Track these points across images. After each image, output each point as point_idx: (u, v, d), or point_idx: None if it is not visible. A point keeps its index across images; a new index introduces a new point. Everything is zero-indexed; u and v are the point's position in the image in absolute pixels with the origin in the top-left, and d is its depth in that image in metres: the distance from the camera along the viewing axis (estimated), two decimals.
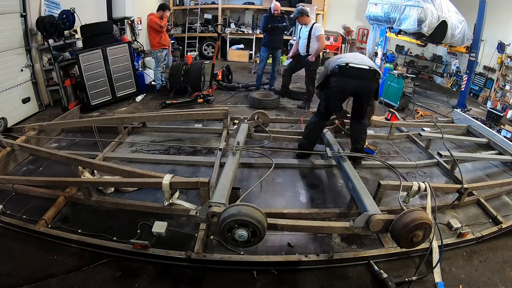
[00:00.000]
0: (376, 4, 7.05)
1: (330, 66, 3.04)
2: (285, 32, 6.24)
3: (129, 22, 6.99)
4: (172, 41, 8.44)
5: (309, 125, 3.39)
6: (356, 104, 3.20)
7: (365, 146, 3.57)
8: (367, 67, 2.93)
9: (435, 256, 2.18)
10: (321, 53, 5.55)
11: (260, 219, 1.74)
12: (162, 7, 5.59)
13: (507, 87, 6.95)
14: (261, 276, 2.02)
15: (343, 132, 3.76)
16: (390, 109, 5.00)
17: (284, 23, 5.91)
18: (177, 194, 2.47)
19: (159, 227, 2.16)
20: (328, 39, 9.72)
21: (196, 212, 1.92)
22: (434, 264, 2.13)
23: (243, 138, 3.12)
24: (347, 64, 2.91)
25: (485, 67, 7.53)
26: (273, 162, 2.57)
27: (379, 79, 3.06)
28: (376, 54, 8.28)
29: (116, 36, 5.67)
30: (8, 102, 4.14)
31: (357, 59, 3.01)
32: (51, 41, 4.63)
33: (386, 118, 4.65)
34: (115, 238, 2.16)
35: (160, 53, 5.76)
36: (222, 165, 3.08)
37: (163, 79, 6.07)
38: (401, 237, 1.85)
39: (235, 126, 3.67)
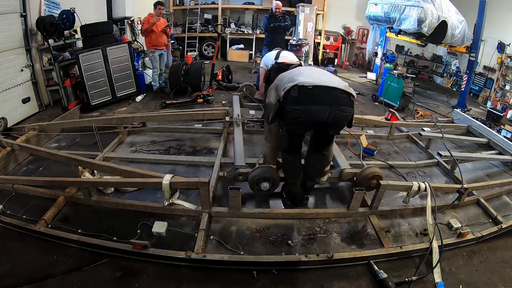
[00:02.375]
0: (376, 4, 7.06)
1: (281, 89, 2.16)
2: (286, 32, 6.26)
3: (129, 22, 7.00)
4: (172, 41, 8.44)
5: (285, 166, 2.55)
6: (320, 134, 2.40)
7: (365, 146, 3.58)
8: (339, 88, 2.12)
9: (435, 256, 2.18)
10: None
11: (276, 175, 2.48)
12: (155, 4, 5.42)
13: (507, 87, 6.96)
14: (261, 276, 2.02)
15: None
16: (390, 109, 5.00)
17: (286, 23, 5.87)
18: (177, 194, 2.47)
19: (159, 227, 2.15)
20: (328, 39, 9.75)
21: (224, 174, 2.51)
22: (434, 264, 2.13)
23: (239, 109, 3.66)
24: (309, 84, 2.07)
25: (485, 67, 7.54)
26: None
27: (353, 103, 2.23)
28: (376, 54, 8.30)
29: (116, 36, 5.68)
30: (8, 102, 4.14)
31: (317, 77, 2.16)
32: (51, 41, 4.63)
33: (386, 118, 4.65)
34: (115, 238, 2.16)
35: (152, 53, 5.55)
36: (222, 165, 3.10)
37: (161, 81, 5.93)
38: (362, 183, 2.49)
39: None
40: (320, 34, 9.59)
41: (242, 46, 9.45)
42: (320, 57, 9.73)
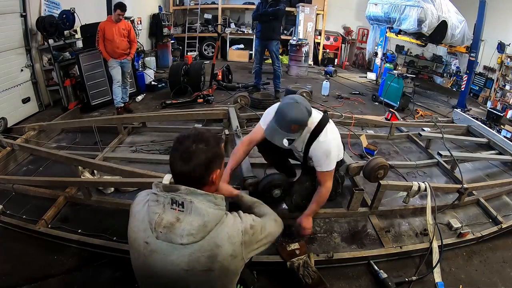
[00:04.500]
0: (376, 4, 7.06)
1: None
2: (280, 19, 5.37)
3: (129, 22, 6.99)
4: (172, 41, 8.45)
5: None
6: None
7: (365, 146, 3.58)
8: None
9: (435, 256, 2.18)
10: None
11: (286, 181, 2.44)
12: (114, 7, 4.54)
13: (507, 87, 6.95)
14: (261, 276, 2.02)
15: None
16: (390, 109, 5.00)
17: (277, 7, 5.18)
18: None
19: None
20: (328, 39, 9.75)
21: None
22: (434, 264, 2.14)
23: (237, 120, 3.50)
24: None
25: (485, 67, 7.54)
26: None
27: None
28: (376, 54, 8.31)
29: None
30: (8, 102, 4.14)
31: None
32: (51, 41, 4.62)
33: (386, 118, 4.65)
34: (115, 238, 2.16)
35: (110, 65, 4.58)
36: None
37: (125, 95, 4.86)
38: (370, 175, 2.48)
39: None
40: (320, 34, 9.59)
41: (242, 46, 9.44)
42: (320, 57, 9.73)
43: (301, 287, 1.88)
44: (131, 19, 6.93)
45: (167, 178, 2.22)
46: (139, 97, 5.56)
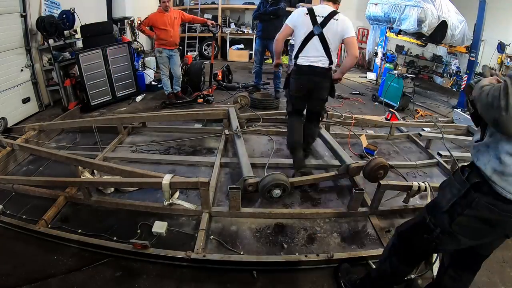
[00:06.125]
0: (376, 4, 7.05)
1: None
2: (281, 18, 5.22)
3: (129, 22, 6.99)
4: None
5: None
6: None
7: (365, 146, 3.58)
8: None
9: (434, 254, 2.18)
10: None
11: (287, 180, 2.48)
12: None
13: None
14: (261, 276, 2.02)
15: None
16: (390, 109, 4.99)
17: (278, 6, 5.20)
18: (177, 194, 2.48)
19: (159, 227, 2.16)
20: None
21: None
22: (433, 260, 2.13)
23: (237, 121, 3.58)
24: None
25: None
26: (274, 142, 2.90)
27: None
28: (376, 54, 8.30)
29: (116, 36, 5.66)
30: (8, 102, 4.13)
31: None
32: (51, 41, 4.62)
33: (386, 118, 4.65)
34: (115, 238, 2.16)
35: (160, 53, 5.00)
36: (222, 165, 3.11)
37: (176, 86, 5.40)
38: (370, 175, 2.65)
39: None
40: None
41: (242, 46, 9.43)
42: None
43: None
44: (131, 19, 6.94)
45: (167, 178, 2.23)
46: (139, 97, 5.55)
